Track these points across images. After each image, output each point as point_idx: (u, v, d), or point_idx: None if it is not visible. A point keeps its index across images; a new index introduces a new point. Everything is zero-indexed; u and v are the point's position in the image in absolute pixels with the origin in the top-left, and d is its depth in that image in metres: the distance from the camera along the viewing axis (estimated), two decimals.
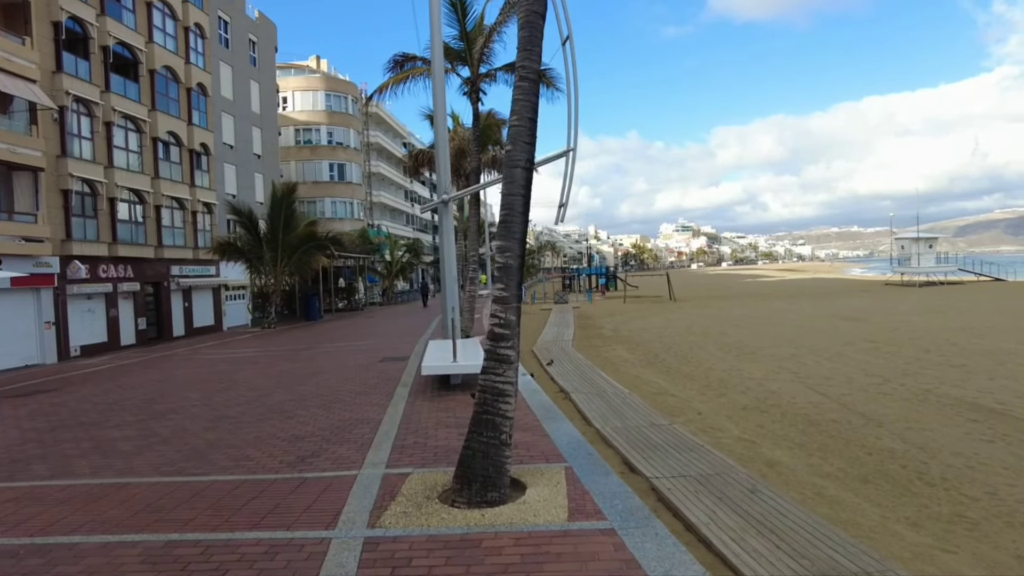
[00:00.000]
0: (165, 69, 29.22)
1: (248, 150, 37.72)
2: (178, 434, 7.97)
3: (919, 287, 46.20)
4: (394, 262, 47.34)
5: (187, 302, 30.90)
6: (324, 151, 52.64)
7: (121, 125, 26.34)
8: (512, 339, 5.33)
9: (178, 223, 30.16)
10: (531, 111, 5.07)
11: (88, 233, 24.46)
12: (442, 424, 7.74)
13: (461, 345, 8.94)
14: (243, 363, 14.21)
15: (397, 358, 13.03)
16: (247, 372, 12.76)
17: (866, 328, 22.35)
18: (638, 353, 17.80)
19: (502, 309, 5.33)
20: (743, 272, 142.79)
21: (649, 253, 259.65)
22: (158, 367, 14.86)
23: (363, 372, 11.69)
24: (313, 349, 16.34)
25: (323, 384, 10.63)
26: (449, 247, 11.18)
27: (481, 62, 15.19)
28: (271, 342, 20.53)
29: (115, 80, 26.06)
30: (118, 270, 25.94)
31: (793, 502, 6.12)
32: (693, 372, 14.55)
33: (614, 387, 11.89)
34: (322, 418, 8.12)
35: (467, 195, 13.16)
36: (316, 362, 13.80)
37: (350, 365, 12.52)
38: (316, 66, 58.65)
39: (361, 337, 19.58)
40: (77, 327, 23.80)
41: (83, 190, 24.23)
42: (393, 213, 67.42)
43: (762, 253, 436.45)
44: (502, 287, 5.30)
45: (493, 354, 5.33)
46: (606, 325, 25.62)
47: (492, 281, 6.14)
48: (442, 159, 10.98)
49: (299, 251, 26.82)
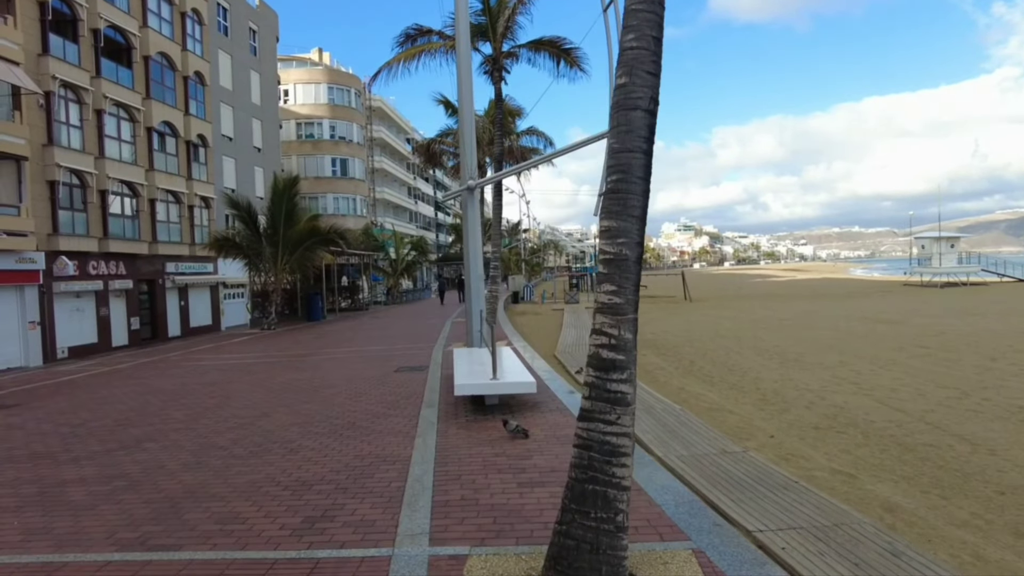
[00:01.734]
0: (160, 56, 27.73)
1: (248, 143, 36.24)
2: (150, 474, 6.15)
3: (941, 288, 44.68)
4: (399, 260, 45.85)
5: (183, 301, 29.44)
6: (326, 146, 51.14)
7: (113, 113, 24.86)
8: (629, 368, 3.82)
9: (174, 218, 28.67)
10: (655, 27, 3.51)
11: (77, 227, 22.99)
12: (491, 467, 5.83)
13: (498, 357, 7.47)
14: (239, 372, 12.63)
15: (415, 368, 11.47)
16: (243, 383, 11.22)
17: (907, 332, 20.88)
18: (671, 359, 16.33)
19: (613, 323, 3.76)
20: (749, 272, 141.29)
21: (651, 252, 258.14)
22: (142, 376, 13.18)
23: (378, 386, 9.94)
24: (317, 355, 14.70)
25: (332, 401, 8.95)
26: (475, 240, 9.73)
27: (505, 38, 13.74)
28: (271, 345, 18.92)
29: (106, 65, 24.58)
30: (109, 267, 24.47)
31: (955, 569, 4.67)
32: (740, 383, 13.08)
33: (661, 401, 10.41)
34: (334, 452, 6.35)
35: (497, 181, 11.60)
36: (322, 372, 12.16)
37: (362, 376, 10.96)
38: (318, 59, 57.16)
39: (370, 341, 17.90)
40: (64, 327, 22.34)
41: (71, 181, 22.76)
42: (397, 210, 65.94)
43: (764, 253, 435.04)
44: (613, 289, 3.73)
45: (601, 391, 3.76)
46: None
47: (596, 281, 4.37)
48: (468, 140, 9.52)
49: (301, 247, 25.15)
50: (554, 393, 8.16)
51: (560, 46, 15.06)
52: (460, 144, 9.73)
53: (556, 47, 15.03)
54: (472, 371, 7.49)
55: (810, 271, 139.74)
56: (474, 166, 9.51)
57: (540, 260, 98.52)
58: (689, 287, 49.10)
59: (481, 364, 7.78)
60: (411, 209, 71.60)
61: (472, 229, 9.63)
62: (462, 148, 9.71)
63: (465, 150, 9.49)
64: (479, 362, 7.97)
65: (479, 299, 9.59)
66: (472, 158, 9.53)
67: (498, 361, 6.88)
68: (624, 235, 3.69)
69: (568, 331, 21.73)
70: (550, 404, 7.92)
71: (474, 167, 9.51)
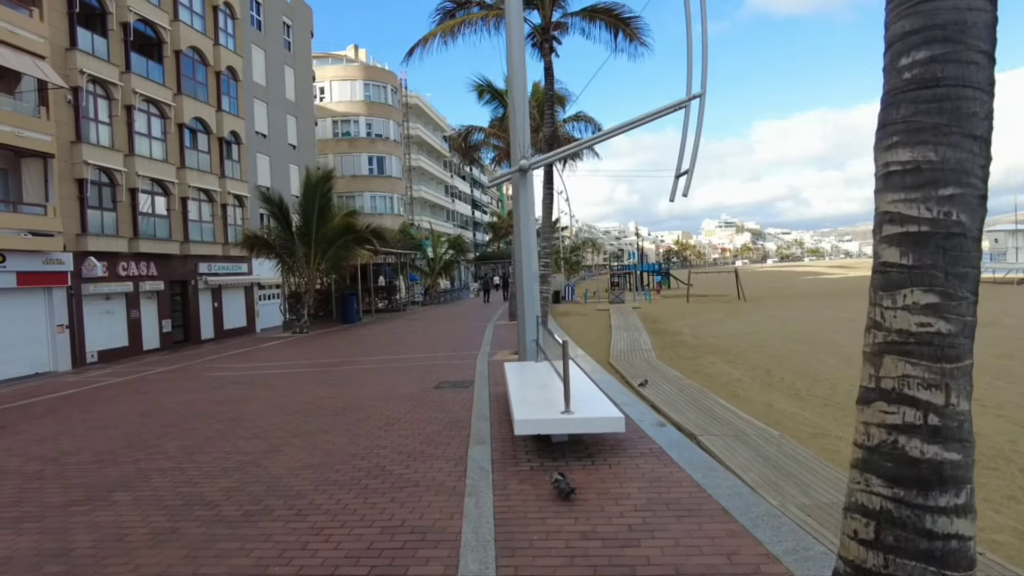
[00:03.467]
0: (192, 50, 26.91)
1: (282, 140, 35.39)
2: (103, 547, 4.35)
3: (1017, 284, 41.30)
4: (437, 259, 44.61)
5: (216, 302, 28.63)
6: (363, 143, 50.26)
7: (143, 109, 24.05)
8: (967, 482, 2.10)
9: (206, 217, 27.85)
10: None
11: (106, 227, 22.21)
12: (578, 554, 3.81)
13: None
14: (258, 386, 11.28)
15: (458, 383, 9.78)
16: (259, 402, 9.48)
17: (1005, 335, 18.53)
18: (743, 368, 14.46)
19: (935, 377, 2.08)
20: (796, 269, 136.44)
21: (692, 250, 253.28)
22: (153, 389, 11.57)
23: (415, 408, 8.12)
24: (349, 364, 13.17)
25: (358, 431, 7.14)
26: (528, 231, 8.13)
27: (556, 4, 12.13)
28: (300, 351, 17.52)
29: (136, 60, 23.78)
30: (140, 267, 23.68)
31: None
32: (833, 397, 11.19)
33: (752, 424, 8.66)
34: (353, 520, 4.52)
35: (548, 166, 9.94)
36: (351, 387, 10.38)
37: (396, 393, 9.25)
38: (354, 55, 56.39)
39: (407, 347, 16.17)
40: (94, 330, 21.57)
41: (100, 180, 21.98)
42: (434, 209, 64.87)
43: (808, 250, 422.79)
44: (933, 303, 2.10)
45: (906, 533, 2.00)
46: (683, 330, 22.24)
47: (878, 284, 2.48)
48: (519, 114, 7.93)
49: (335, 245, 23.84)
50: (637, 423, 6.44)
51: (618, 15, 13.33)
52: (510, 119, 8.13)
53: (613, 16, 13.30)
54: (532, 397, 5.80)
55: (859, 268, 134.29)
56: (526, 144, 7.90)
57: (579, 258, 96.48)
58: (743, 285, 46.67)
59: (542, 387, 6.13)
60: (448, 208, 70.49)
61: (525, 218, 8.02)
62: (512, 124, 8.10)
63: (516, 125, 7.89)
64: (538, 384, 6.34)
65: (534, 302, 7.98)
66: (524, 135, 7.91)
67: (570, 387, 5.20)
68: (951, 179, 1.87)
69: (619, 335, 19.98)
70: (637, 443, 5.91)
71: (526, 145, 7.90)
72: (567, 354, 4.90)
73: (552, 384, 6.10)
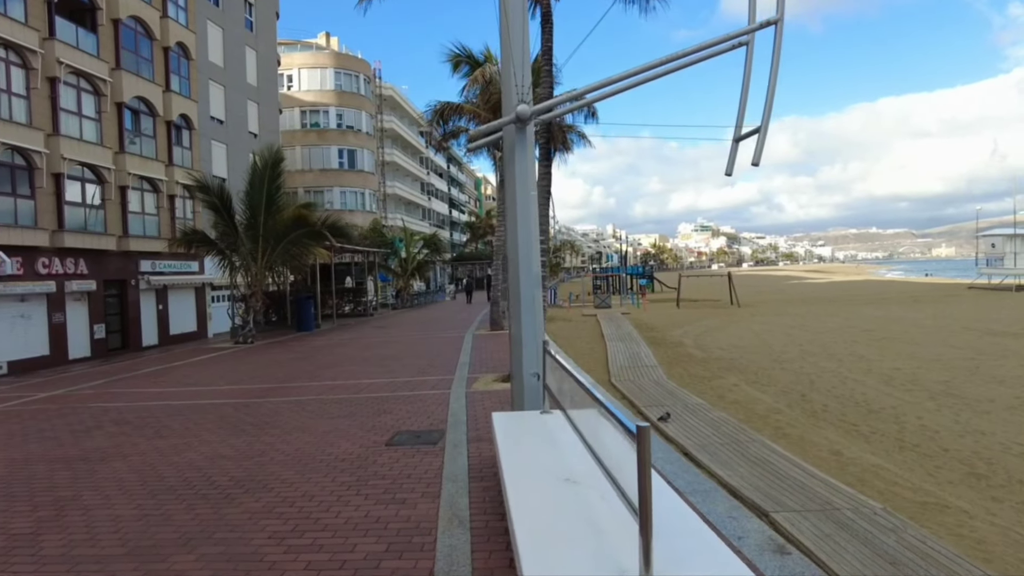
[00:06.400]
0: (133, 20, 23.84)
1: (242, 127, 32.31)
2: None
3: (1015, 291, 39.83)
4: (410, 259, 41.76)
5: (161, 304, 25.54)
6: (333, 135, 47.19)
7: (71, 83, 20.97)
8: None
9: (150, 209, 24.77)
10: None
11: (21, 217, 19.08)
12: None
13: None
14: (145, 428, 8.27)
15: (422, 436, 6.84)
16: (124, 464, 6.50)
17: None
18: (771, 391, 12.05)
19: None
20: (776, 273, 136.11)
21: (669, 253, 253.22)
22: (23, 425, 8.96)
23: (350, 491, 5.26)
24: (282, 392, 10.31)
25: (248, 542, 4.33)
26: (527, 213, 5.56)
27: None
28: (232, 369, 14.24)
29: (63, 26, 20.70)
30: (65, 265, 20.57)
31: None
32: (906, 436, 8.80)
33: (835, 488, 6.19)
34: None
35: (565, 110, 7.01)
36: (268, 436, 7.37)
37: (329, 457, 6.32)
38: (325, 43, 53.26)
39: (363, 365, 13.45)
40: (3, 337, 18.47)
41: (14, 161, 18.87)
42: (409, 207, 61.91)
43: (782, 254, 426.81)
44: None
45: None
46: (684, 340, 19.84)
47: None
48: (517, 42, 5.38)
49: (286, 240, 20.70)
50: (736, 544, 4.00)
51: None
52: (502, 43, 5.56)
53: None
54: (548, 509, 3.07)
55: (836, 273, 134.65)
56: (525, 82, 5.33)
57: (559, 260, 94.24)
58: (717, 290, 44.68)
59: (564, 480, 3.33)
60: (424, 206, 67.57)
61: (522, 193, 5.40)
62: (505, 51, 5.53)
63: (511, 53, 5.32)
64: (553, 468, 3.34)
65: (534, 318, 5.39)
66: (523, 68, 5.34)
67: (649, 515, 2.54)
68: None
69: (615, 346, 17.50)
70: None
71: (526, 85, 5.33)
72: (647, 452, 2.22)
73: (580, 471, 3.38)
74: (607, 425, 2.84)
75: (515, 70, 5.28)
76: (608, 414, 2.72)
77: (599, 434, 3.26)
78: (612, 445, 2.95)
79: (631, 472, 2.44)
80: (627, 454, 2.48)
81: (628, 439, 2.39)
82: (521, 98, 5.28)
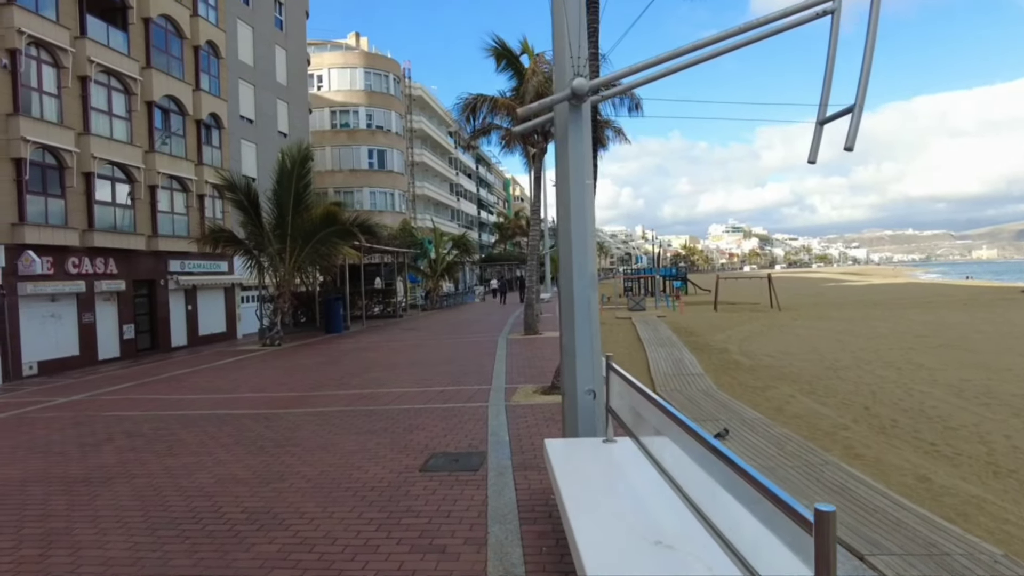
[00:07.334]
0: (164, 19, 23.72)
1: (271, 126, 32.14)
2: None
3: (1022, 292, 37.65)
4: (439, 260, 41.25)
5: (191, 305, 25.39)
6: (363, 135, 47.01)
7: (102, 82, 20.86)
8: None
9: (179, 208, 24.63)
10: None
11: (52, 217, 18.97)
12: None
13: None
14: (157, 443, 7.64)
15: (460, 460, 6.04)
16: (127, 487, 5.89)
17: None
18: (831, 403, 11.09)
19: None
20: (811, 276, 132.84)
21: (700, 255, 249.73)
22: (32, 436, 8.49)
23: (379, 532, 4.53)
24: (306, 402, 9.87)
25: None
26: (581, 202, 4.82)
27: None
28: (256, 374, 13.70)
29: (93, 24, 20.60)
30: (95, 264, 20.44)
31: None
32: (996, 458, 7.84)
33: (935, 525, 5.33)
34: None
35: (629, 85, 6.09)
36: (289, 457, 6.63)
37: (354, 486, 5.54)
38: (355, 43, 53.17)
39: (392, 372, 12.76)
40: (34, 337, 18.34)
41: (45, 160, 18.75)
42: (437, 207, 61.55)
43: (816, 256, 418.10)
44: None
45: None
46: (728, 346, 18.85)
47: None
48: (572, 10, 4.67)
49: (315, 240, 20.19)
50: None
51: None
52: (555, 18, 4.79)
53: None
54: None
55: (873, 275, 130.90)
56: (581, 51, 4.59)
57: None
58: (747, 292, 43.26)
59: (653, 536, 2.40)
60: (453, 206, 67.17)
61: (576, 180, 4.65)
62: (558, 25, 4.80)
63: (567, 24, 4.60)
64: (637, 523, 2.59)
65: (590, 326, 4.67)
66: (579, 40, 4.61)
67: None
68: None
69: (655, 351, 16.64)
70: None
71: (583, 57, 4.59)
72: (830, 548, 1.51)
73: (673, 529, 2.68)
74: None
75: (569, 38, 4.55)
76: (748, 482, 1.96)
77: (697, 479, 2.51)
78: (725, 500, 2.21)
79: (772, 551, 1.70)
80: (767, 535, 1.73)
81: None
82: (577, 71, 4.55)
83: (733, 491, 2.28)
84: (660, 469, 3.02)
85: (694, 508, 2.56)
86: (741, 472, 2.19)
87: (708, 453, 2.36)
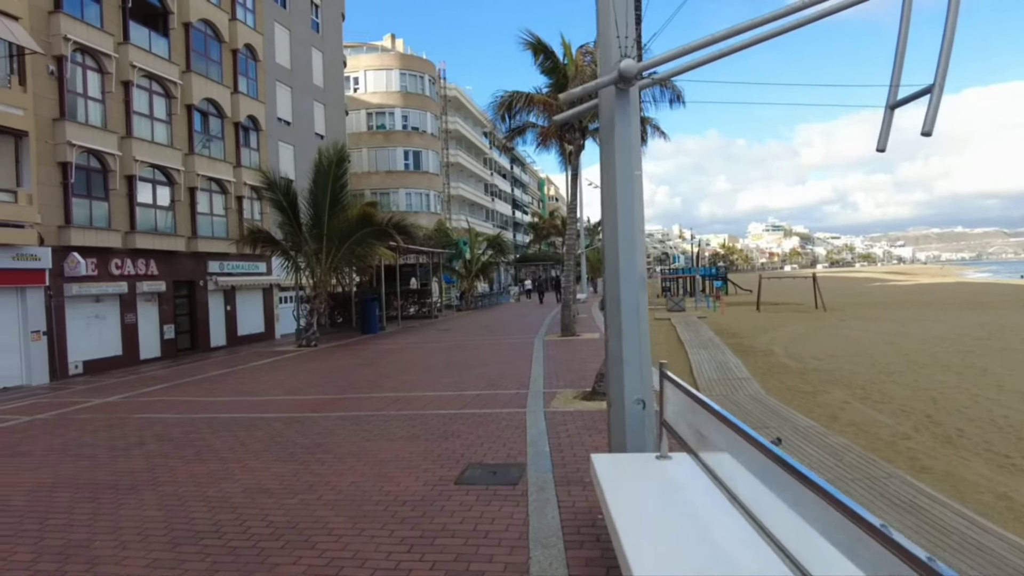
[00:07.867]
0: (203, 23, 24.05)
1: (308, 128, 32.40)
2: None
3: None
4: (474, 260, 41.14)
5: (229, 305, 25.68)
6: (398, 137, 47.22)
7: (144, 87, 21.20)
8: None
9: (218, 210, 24.93)
10: None
11: (96, 219, 19.33)
12: None
13: None
14: (187, 448, 7.51)
15: (498, 472, 5.74)
16: (153, 495, 5.73)
17: None
18: (887, 409, 10.46)
19: None
20: (856, 275, 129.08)
21: (739, 254, 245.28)
22: (65, 438, 8.52)
23: (413, 551, 4.24)
24: (339, 406, 9.74)
25: None
26: (628, 196, 4.47)
27: None
28: (291, 376, 13.77)
29: (136, 30, 20.94)
30: (137, 266, 20.78)
31: None
32: None
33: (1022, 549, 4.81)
34: None
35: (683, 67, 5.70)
36: (320, 466, 6.40)
37: (387, 499, 5.28)
38: (391, 45, 53.50)
39: (427, 375, 12.55)
40: (79, 338, 18.70)
41: (89, 164, 19.12)
42: (472, 207, 61.54)
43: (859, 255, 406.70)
44: None
45: None
46: (774, 348, 18.18)
47: None
48: None
49: (351, 240, 20.17)
50: None
51: None
52: None
53: None
54: None
55: (920, 274, 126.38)
56: (631, 35, 4.23)
57: None
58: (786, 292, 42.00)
59: (724, 573, 2.30)
60: (488, 207, 67.11)
61: (623, 173, 4.31)
62: (603, 6, 4.43)
63: (614, 4, 4.25)
64: (705, 559, 2.42)
65: (638, 331, 4.31)
66: (627, 18, 4.25)
67: None
68: None
69: (698, 354, 16.10)
70: None
71: (631, 38, 4.23)
72: None
73: (747, 565, 2.33)
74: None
75: (616, 16, 4.19)
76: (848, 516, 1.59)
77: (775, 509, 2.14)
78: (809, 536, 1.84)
79: None
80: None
81: None
82: (624, 52, 4.19)
83: (820, 527, 1.91)
84: (727, 492, 2.66)
85: (772, 541, 2.19)
86: (837, 504, 1.82)
87: (794, 481, 1.99)
